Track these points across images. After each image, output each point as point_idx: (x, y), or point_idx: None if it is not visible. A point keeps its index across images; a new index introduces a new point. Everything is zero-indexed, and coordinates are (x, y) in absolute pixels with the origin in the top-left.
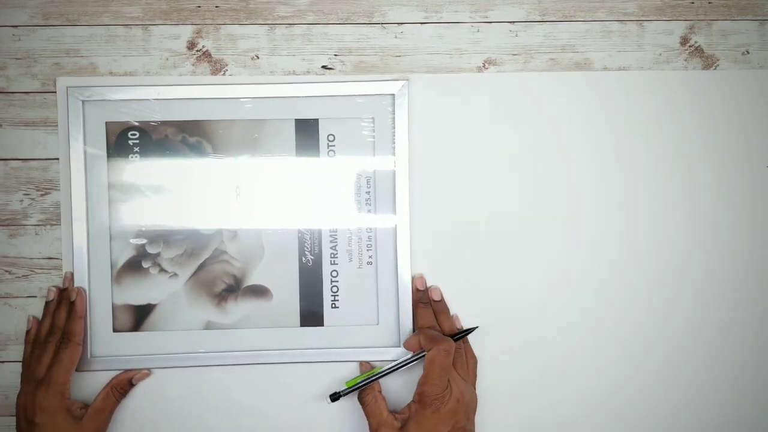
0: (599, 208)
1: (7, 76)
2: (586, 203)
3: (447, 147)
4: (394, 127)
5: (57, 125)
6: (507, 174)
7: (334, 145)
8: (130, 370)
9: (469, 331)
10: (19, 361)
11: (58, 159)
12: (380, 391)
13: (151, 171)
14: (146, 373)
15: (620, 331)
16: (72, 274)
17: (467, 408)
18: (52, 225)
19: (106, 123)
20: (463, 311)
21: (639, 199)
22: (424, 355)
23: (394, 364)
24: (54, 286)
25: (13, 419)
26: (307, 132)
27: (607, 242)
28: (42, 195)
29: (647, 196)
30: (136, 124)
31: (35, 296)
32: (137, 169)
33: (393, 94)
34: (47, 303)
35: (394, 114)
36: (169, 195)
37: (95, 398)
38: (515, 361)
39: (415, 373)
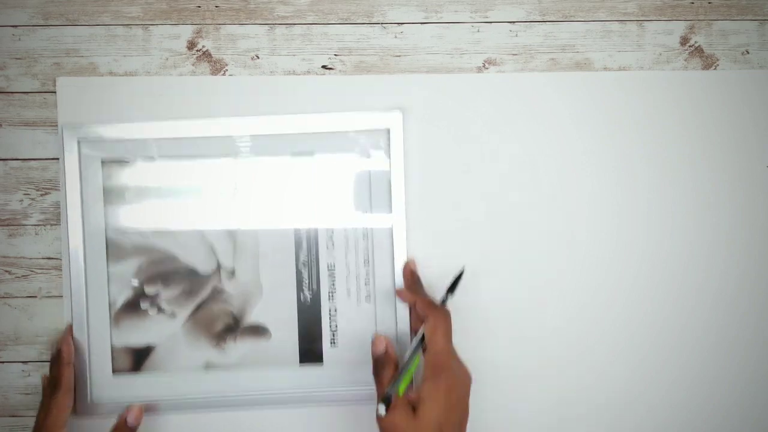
0: (599, 207)
1: (7, 76)
2: (585, 203)
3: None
4: (390, 167)
5: (57, 125)
6: (505, 174)
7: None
8: (124, 411)
9: (459, 277)
10: (19, 362)
11: (57, 159)
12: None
13: (148, 213)
14: (139, 408)
15: (620, 331)
16: (71, 326)
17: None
18: (51, 225)
19: (102, 161)
20: (462, 313)
21: (639, 199)
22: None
23: (410, 351)
24: (53, 338)
25: (13, 419)
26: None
27: (607, 242)
28: (42, 195)
29: (647, 196)
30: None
31: (35, 296)
32: (135, 211)
33: (388, 129)
34: (51, 357)
35: (390, 154)
36: (168, 236)
37: None
38: (514, 362)
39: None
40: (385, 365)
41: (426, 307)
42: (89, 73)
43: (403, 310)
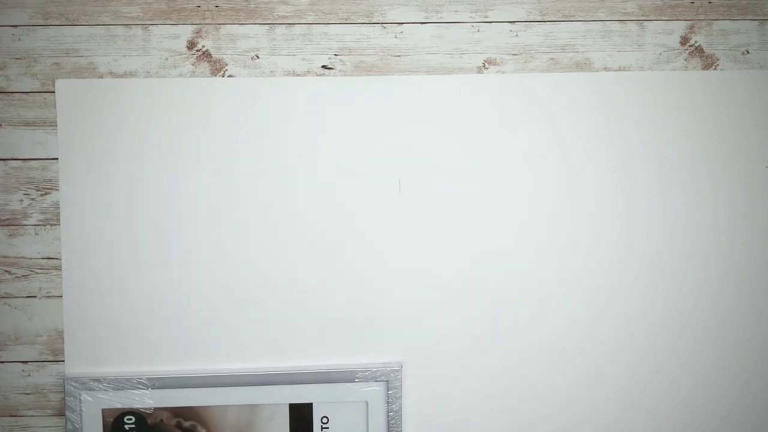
0: (599, 207)
1: (7, 76)
2: (585, 203)
3: None
4: (388, 412)
5: (56, 125)
6: (505, 175)
7: (327, 428)
8: None
9: None
10: (19, 362)
11: (57, 159)
12: None
13: None
14: None
15: (620, 331)
16: None
17: None
18: (51, 225)
19: (103, 410)
20: (468, 313)
21: (639, 199)
22: None
23: None
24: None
25: (13, 419)
26: (301, 415)
27: (606, 242)
28: (42, 195)
29: (647, 196)
30: (132, 409)
31: (35, 296)
32: None
33: (387, 381)
34: None
35: (388, 401)
36: None
37: None
38: (515, 362)
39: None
40: None
41: None
42: (89, 73)
43: None
